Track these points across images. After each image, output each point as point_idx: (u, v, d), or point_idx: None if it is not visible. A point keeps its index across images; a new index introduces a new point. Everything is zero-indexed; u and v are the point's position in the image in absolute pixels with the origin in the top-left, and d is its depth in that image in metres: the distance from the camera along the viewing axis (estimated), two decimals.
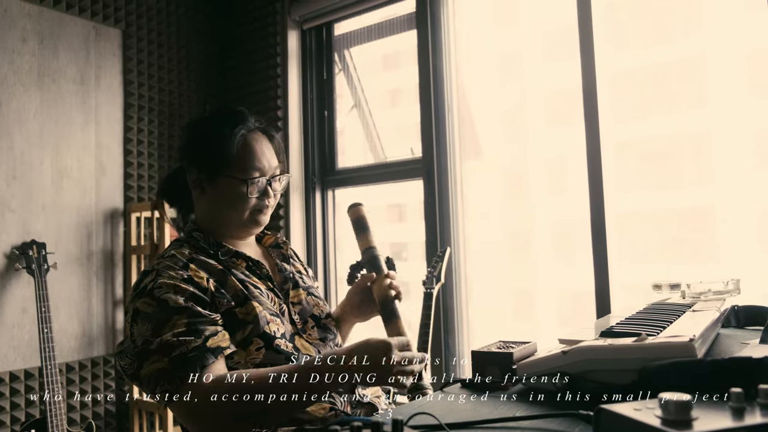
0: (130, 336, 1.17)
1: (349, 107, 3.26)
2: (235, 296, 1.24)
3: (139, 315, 1.16)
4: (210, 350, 1.13)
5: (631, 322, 1.06)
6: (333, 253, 3.16)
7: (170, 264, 1.23)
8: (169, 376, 1.09)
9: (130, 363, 1.15)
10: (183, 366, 1.09)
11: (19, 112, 2.66)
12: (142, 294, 1.19)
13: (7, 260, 2.57)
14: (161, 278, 1.20)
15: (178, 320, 1.14)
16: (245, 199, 1.31)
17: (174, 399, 1.09)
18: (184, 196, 1.41)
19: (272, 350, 1.21)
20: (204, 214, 1.36)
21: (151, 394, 1.12)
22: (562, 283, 4.35)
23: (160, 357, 1.11)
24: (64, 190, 2.78)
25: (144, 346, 1.13)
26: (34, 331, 2.59)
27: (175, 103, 3.24)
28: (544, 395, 0.89)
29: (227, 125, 1.31)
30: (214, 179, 1.31)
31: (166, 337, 1.11)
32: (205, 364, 1.11)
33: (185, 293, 1.18)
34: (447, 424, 0.73)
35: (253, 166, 1.31)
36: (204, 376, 1.10)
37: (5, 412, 2.54)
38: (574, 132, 2.39)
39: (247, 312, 1.22)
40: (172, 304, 1.15)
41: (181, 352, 1.10)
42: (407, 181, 2.86)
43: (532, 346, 1.07)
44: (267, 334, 1.22)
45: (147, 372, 1.12)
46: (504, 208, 3.94)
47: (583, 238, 2.35)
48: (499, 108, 3.91)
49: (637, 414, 0.60)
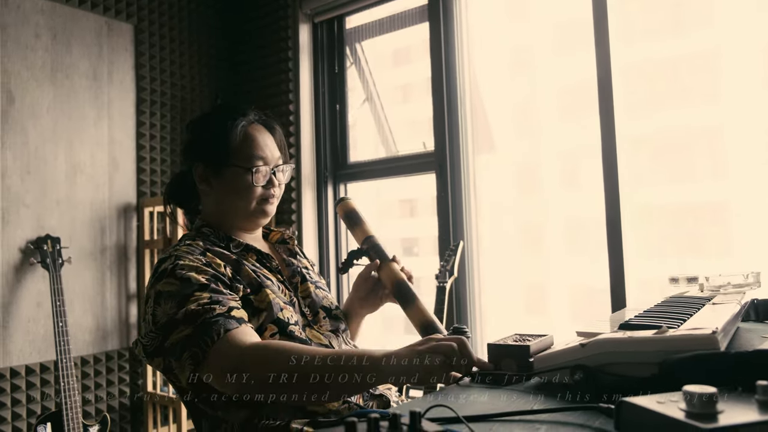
0: (152, 319, 1.17)
1: (360, 101, 3.25)
2: (250, 284, 1.26)
3: (161, 296, 1.17)
4: (234, 318, 1.14)
5: (650, 314, 1.04)
6: (345, 247, 3.15)
7: (188, 250, 1.25)
8: (196, 341, 1.10)
9: (153, 338, 1.15)
10: (209, 329, 1.10)
11: (32, 108, 2.67)
12: (162, 276, 1.20)
13: (22, 255, 2.59)
14: (181, 260, 1.21)
15: (201, 295, 1.15)
16: (251, 188, 1.33)
17: (202, 362, 1.10)
18: (191, 196, 1.43)
19: (286, 335, 1.22)
20: (212, 208, 1.39)
21: (176, 361, 1.12)
22: (575, 278, 4.32)
23: (185, 326, 1.12)
24: (77, 185, 2.80)
25: (169, 321, 1.14)
26: (49, 325, 2.61)
27: (187, 98, 3.24)
28: (562, 388, 0.88)
29: (228, 118, 1.35)
30: (219, 171, 1.34)
31: (191, 307, 1.12)
32: (230, 328, 1.11)
33: (207, 273, 1.20)
34: (464, 416, 0.72)
35: (255, 155, 1.34)
36: (231, 337, 1.10)
37: (21, 405, 2.56)
38: (588, 126, 2.36)
39: (261, 300, 1.24)
40: (195, 282, 1.17)
41: (206, 318, 1.11)
42: (420, 174, 2.85)
43: (549, 339, 1.06)
44: (281, 320, 1.24)
45: (172, 341, 1.12)
46: (517, 203, 3.91)
47: (596, 233, 2.33)
48: (511, 101, 3.88)
49: (660, 407, 0.59)
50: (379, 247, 1.45)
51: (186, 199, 1.45)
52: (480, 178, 2.72)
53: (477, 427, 0.71)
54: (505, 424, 0.73)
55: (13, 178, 2.59)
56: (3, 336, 2.53)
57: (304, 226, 3.07)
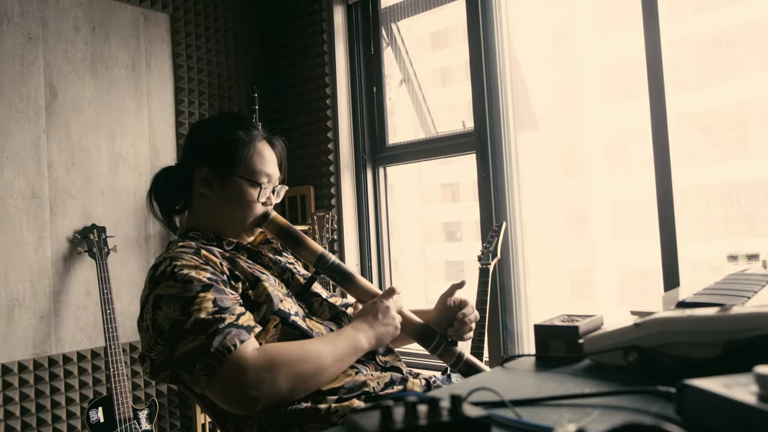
0: (152, 325, 1.15)
1: (397, 82, 3.19)
2: (247, 279, 1.25)
3: (162, 299, 1.15)
4: (244, 327, 1.13)
5: (710, 292, 0.97)
6: (386, 232, 3.12)
7: (182, 251, 1.24)
8: (209, 351, 1.08)
9: (160, 351, 1.13)
10: (222, 340, 1.08)
11: (75, 101, 2.72)
12: (161, 280, 1.17)
13: (70, 244, 2.65)
14: (178, 262, 1.19)
15: (205, 298, 1.13)
16: (253, 202, 1.34)
17: (217, 372, 1.08)
18: (178, 195, 1.42)
19: (288, 326, 1.22)
20: (205, 212, 1.37)
21: (189, 374, 1.09)
22: (622, 261, 4.18)
23: (195, 336, 1.09)
24: (120, 175, 2.84)
25: (175, 329, 1.11)
26: (98, 313, 2.67)
27: (224, 86, 3.25)
28: (614, 371, 0.82)
29: (240, 128, 1.36)
30: (225, 179, 1.34)
31: (200, 316, 1.10)
32: (243, 339, 1.11)
33: (207, 271, 1.19)
34: (510, 400, 0.68)
35: (263, 172, 1.36)
36: (245, 350, 1.10)
37: (74, 390, 2.63)
38: (635, 105, 2.26)
39: (259, 293, 1.24)
40: (197, 282, 1.15)
41: (218, 328, 1.09)
42: (460, 155, 2.79)
43: (599, 319, 1.00)
44: (282, 311, 1.23)
45: (182, 352, 1.10)
46: (560, 184, 3.80)
47: (644, 215, 2.23)
48: (554, 81, 3.76)
49: (728, 390, 0.53)
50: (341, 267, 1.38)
51: (171, 196, 1.42)
52: (522, 157, 2.64)
53: (523, 412, 0.66)
54: (553, 408, 0.68)
55: (59, 170, 2.65)
56: (55, 323, 2.60)
57: (344, 212, 3.05)
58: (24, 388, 2.49)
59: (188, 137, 1.44)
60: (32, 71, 2.60)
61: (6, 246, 2.48)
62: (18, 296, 2.50)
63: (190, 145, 1.42)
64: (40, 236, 2.57)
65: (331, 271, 1.37)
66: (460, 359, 1.32)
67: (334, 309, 1.37)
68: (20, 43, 2.57)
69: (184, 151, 1.43)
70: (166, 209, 1.42)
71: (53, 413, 2.56)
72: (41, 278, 2.56)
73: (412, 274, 4.47)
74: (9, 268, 2.48)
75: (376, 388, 1.20)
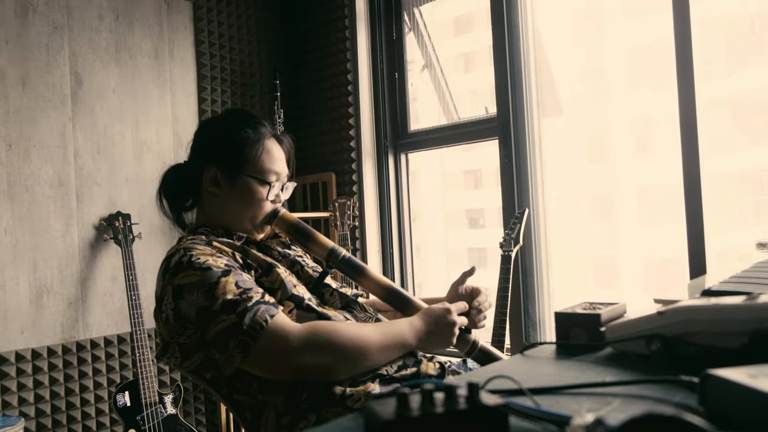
0: (175, 315, 1.16)
1: (419, 68, 3.17)
2: (260, 266, 1.27)
3: (183, 288, 1.16)
4: (271, 303, 1.16)
5: (737, 280, 0.95)
6: (408, 219, 3.11)
7: (194, 244, 1.25)
8: (242, 329, 1.10)
9: (190, 335, 1.14)
10: (253, 317, 1.11)
11: (99, 89, 2.75)
12: (178, 270, 1.19)
13: (96, 231, 2.69)
14: (193, 251, 1.21)
15: (228, 282, 1.15)
16: (263, 201, 1.35)
17: (254, 347, 1.10)
18: (187, 193, 1.43)
19: (303, 309, 1.23)
20: (214, 211, 1.38)
21: (222, 353, 1.12)
22: (648, 249, 4.12)
23: (226, 315, 1.11)
24: (144, 163, 2.87)
25: (203, 313, 1.13)
26: (124, 299, 2.71)
27: (246, 73, 3.26)
28: (636, 360, 0.81)
29: (248, 127, 1.36)
30: (234, 178, 1.34)
31: (227, 298, 1.12)
32: (273, 314, 1.13)
33: (222, 259, 1.21)
34: (528, 388, 0.67)
35: (272, 170, 1.37)
36: (278, 323, 1.13)
37: (102, 375, 2.68)
38: (663, 89, 2.21)
39: (273, 280, 1.25)
40: (215, 269, 1.17)
41: (247, 306, 1.12)
42: (483, 141, 2.76)
43: (621, 307, 0.98)
44: (296, 296, 1.24)
45: (214, 332, 1.12)
46: (585, 171, 3.75)
47: (670, 202, 2.19)
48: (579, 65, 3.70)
49: (753, 381, 0.52)
50: (352, 260, 1.38)
51: (180, 194, 1.43)
52: (546, 143, 2.60)
53: (542, 400, 0.65)
54: (573, 396, 0.67)
55: (84, 158, 2.68)
56: (83, 309, 2.65)
57: (365, 199, 3.05)
58: (53, 372, 2.55)
59: (196, 136, 1.44)
60: (57, 60, 2.63)
61: (34, 233, 2.53)
62: (46, 282, 2.55)
63: (198, 144, 1.42)
64: (67, 223, 2.62)
65: (343, 265, 1.37)
66: (474, 347, 1.32)
67: (345, 298, 1.37)
68: (45, 32, 2.60)
69: (193, 149, 1.43)
70: (175, 207, 1.44)
71: (82, 397, 2.62)
72: (69, 265, 2.61)
73: (434, 261, 4.46)
74: (37, 255, 2.53)
75: (389, 371, 1.21)
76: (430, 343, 1.27)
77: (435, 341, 1.27)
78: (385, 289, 1.37)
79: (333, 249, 1.37)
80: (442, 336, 1.27)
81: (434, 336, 1.26)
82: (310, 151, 3.29)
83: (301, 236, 1.39)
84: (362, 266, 1.38)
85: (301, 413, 1.15)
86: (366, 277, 1.37)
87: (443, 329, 1.27)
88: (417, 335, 1.24)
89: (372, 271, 1.39)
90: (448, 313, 1.27)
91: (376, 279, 1.38)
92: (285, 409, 1.16)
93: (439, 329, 1.26)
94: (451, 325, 1.27)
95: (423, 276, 3.45)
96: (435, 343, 1.28)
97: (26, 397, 2.47)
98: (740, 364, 0.58)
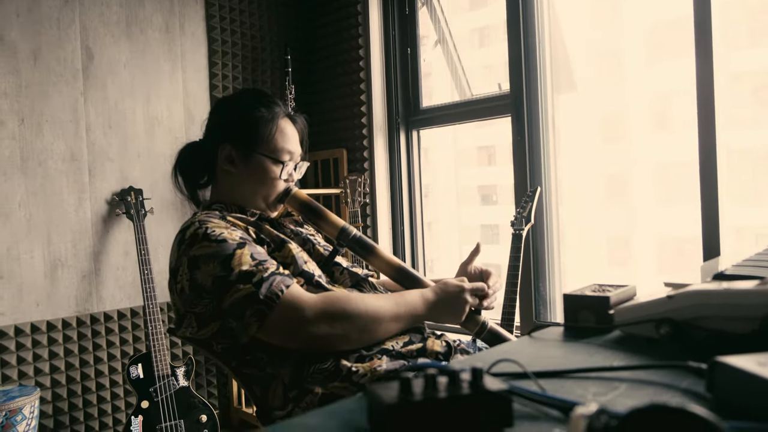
0: (190, 285, 1.18)
1: (432, 43, 3.12)
2: (273, 241, 1.29)
3: (199, 259, 1.18)
4: (286, 275, 1.18)
5: (750, 264, 0.93)
6: (419, 195, 3.10)
7: (208, 217, 1.27)
8: (259, 298, 1.12)
9: (206, 304, 1.17)
10: (269, 287, 1.13)
11: (111, 64, 2.74)
12: (194, 241, 1.20)
13: (108, 206, 2.71)
14: (208, 224, 1.22)
15: (243, 253, 1.17)
16: (276, 179, 1.37)
17: (269, 316, 1.12)
18: (202, 170, 1.44)
19: (313, 286, 1.25)
20: (228, 188, 1.40)
21: (238, 321, 1.14)
22: (663, 228, 4.08)
23: (242, 285, 1.14)
24: (156, 138, 2.87)
25: (219, 282, 1.15)
26: (137, 273, 2.74)
27: (257, 48, 3.23)
28: (645, 344, 0.80)
29: (263, 106, 1.37)
30: (248, 157, 1.36)
31: (243, 269, 1.15)
32: (288, 284, 1.16)
33: (237, 233, 1.23)
34: (534, 372, 0.66)
35: (285, 149, 1.38)
36: (294, 292, 1.15)
37: (115, 347, 2.72)
38: (681, 65, 2.16)
39: (285, 255, 1.27)
40: (231, 241, 1.19)
41: (263, 277, 1.14)
42: (495, 118, 2.73)
43: (631, 290, 0.97)
44: (306, 272, 1.26)
45: (231, 302, 1.14)
46: (600, 150, 3.70)
47: (686, 180, 2.15)
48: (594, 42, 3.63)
49: (761, 369, 0.51)
50: (362, 239, 1.39)
51: (195, 171, 1.45)
52: (559, 120, 2.57)
53: (548, 384, 0.65)
54: (579, 381, 0.67)
55: (96, 133, 2.69)
56: (96, 283, 2.68)
57: (376, 176, 3.04)
58: (68, 344, 2.59)
59: (211, 114, 1.46)
60: (69, 34, 2.62)
61: (48, 207, 2.55)
62: (60, 256, 2.57)
63: (213, 123, 1.44)
64: (80, 198, 2.63)
65: (353, 244, 1.38)
66: (483, 328, 1.32)
67: (355, 277, 1.38)
68: (57, 6, 2.58)
69: (207, 127, 1.45)
70: (191, 184, 1.46)
71: (96, 368, 2.67)
72: (82, 239, 2.64)
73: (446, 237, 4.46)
74: (51, 229, 2.55)
75: (395, 346, 1.22)
76: (439, 316, 1.29)
77: (444, 315, 1.29)
78: (395, 268, 1.38)
79: (344, 228, 1.38)
80: (452, 311, 1.29)
81: (444, 310, 1.28)
82: (321, 127, 3.27)
83: (313, 215, 1.40)
84: (372, 245, 1.39)
85: (307, 387, 1.16)
86: (376, 256, 1.38)
87: (454, 304, 1.28)
88: (428, 306, 1.26)
89: (382, 250, 1.39)
90: (462, 290, 1.29)
91: (386, 258, 1.38)
92: (292, 382, 1.18)
93: (450, 304, 1.28)
94: (463, 302, 1.28)
95: (435, 252, 3.45)
96: (443, 317, 1.29)
97: (42, 367, 2.52)
98: (750, 350, 0.58)
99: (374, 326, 1.18)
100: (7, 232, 2.44)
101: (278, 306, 1.13)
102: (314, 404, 1.15)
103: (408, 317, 1.24)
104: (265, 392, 1.22)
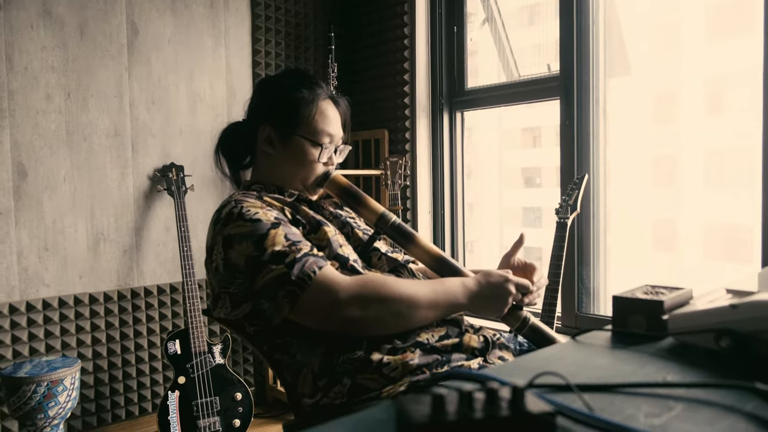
0: (224, 264, 1.18)
1: (480, 21, 3.02)
2: (309, 223, 1.27)
3: (233, 239, 1.18)
4: (319, 256, 1.16)
5: None
6: (461, 178, 3.03)
7: (245, 197, 1.26)
8: (291, 279, 1.11)
9: (240, 284, 1.16)
10: (302, 267, 1.11)
11: (155, 39, 2.74)
12: (229, 221, 1.20)
13: (150, 182, 2.73)
14: (244, 204, 1.22)
15: (277, 233, 1.16)
16: (315, 162, 1.35)
17: (302, 297, 1.11)
18: (244, 151, 1.44)
19: (347, 270, 1.22)
20: (268, 169, 1.39)
21: (270, 302, 1.13)
22: (711, 214, 3.91)
23: (275, 265, 1.12)
24: (198, 115, 2.87)
25: (252, 262, 1.14)
26: (176, 249, 2.76)
27: (301, 24, 3.19)
28: (702, 356, 0.73)
29: (305, 87, 1.35)
30: (287, 138, 1.34)
31: (276, 249, 1.13)
32: (321, 266, 1.13)
33: (273, 213, 1.22)
34: (579, 385, 0.61)
35: (325, 132, 1.35)
36: (327, 274, 1.13)
37: (155, 322, 2.76)
38: (743, 44, 2.02)
39: (320, 238, 1.25)
40: (265, 221, 1.18)
41: (296, 258, 1.13)
42: (543, 101, 2.62)
43: (687, 293, 0.90)
44: (341, 256, 1.23)
45: (263, 282, 1.13)
46: (650, 132, 3.54)
47: (741, 166, 2.03)
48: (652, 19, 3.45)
49: None
50: (402, 227, 1.34)
51: (237, 152, 1.45)
52: (611, 104, 2.45)
53: (595, 400, 0.59)
54: (629, 397, 0.61)
55: (139, 108, 2.70)
56: (137, 258, 2.71)
57: (418, 157, 2.98)
58: (109, 317, 2.64)
59: (253, 94, 1.45)
60: (114, 9, 2.62)
61: (92, 182, 2.58)
62: (103, 230, 2.61)
63: (254, 103, 1.43)
64: (123, 173, 2.66)
65: (392, 231, 1.34)
66: (525, 324, 1.26)
67: (393, 262, 1.34)
68: None
69: (249, 108, 1.44)
70: (233, 164, 1.45)
71: (135, 342, 2.71)
72: (124, 213, 2.67)
73: (487, 219, 4.37)
74: (94, 203, 2.59)
75: (430, 339, 1.18)
76: (479, 308, 1.23)
77: (485, 307, 1.23)
78: (434, 257, 1.33)
79: (383, 214, 1.35)
80: (494, 303, 1.23)
81: (485, 301, 1.22)
82: (363, 107, 3.22)
83: (352, 200, 1.37)
84: (412, 233, 1.35)
85: (336, 377, 1.14)
86: (415, 245, 1.34)
87: (496, 296, 1.22)
88: (468, 296, 1.21)
89: (422, 238, 1.35)
90: (506, 281, 1.23)
91: (426, 247, 1.34)
92: (321, 371, 1.16)
93: (492, 296, 1.22)
94: (507, 294, 1.23)
95: (475, 234, 3.38)
96: (485, 309, 1.24)
97: (84, 339, 2.57)
98: None
99: (410, 312, 1.14)
100: (53, 205, 2.49)
101: (311, 287, 1.10)
102: (343, 395, 1.12)
103: (446, 306, 1.19)
104: (296, 379, 1.21)
